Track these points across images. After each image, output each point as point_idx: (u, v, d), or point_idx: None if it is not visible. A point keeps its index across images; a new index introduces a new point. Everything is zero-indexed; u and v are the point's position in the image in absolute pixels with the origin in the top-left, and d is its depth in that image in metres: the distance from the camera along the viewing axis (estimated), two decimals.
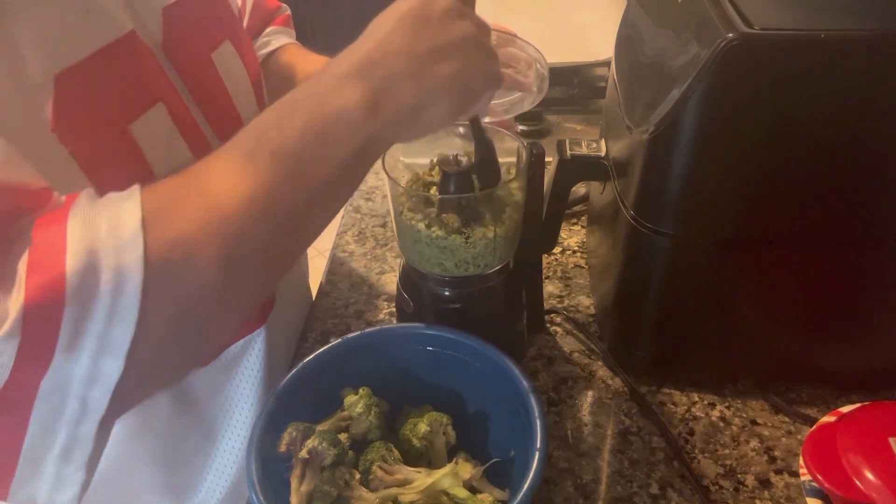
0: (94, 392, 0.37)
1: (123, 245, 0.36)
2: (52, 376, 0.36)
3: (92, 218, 0.37)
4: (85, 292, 0.35)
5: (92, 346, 0.36)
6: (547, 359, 0.75)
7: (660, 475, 0.63)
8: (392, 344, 0.63)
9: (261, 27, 0.84)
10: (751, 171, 0.56)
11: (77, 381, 0.36)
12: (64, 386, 0.36)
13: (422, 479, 0.55)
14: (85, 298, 0.35)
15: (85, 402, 0.37)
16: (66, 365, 0.36)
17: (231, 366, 0.68)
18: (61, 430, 0.37)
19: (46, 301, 0.34)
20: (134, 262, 0.36)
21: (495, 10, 1.33)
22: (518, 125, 1.14)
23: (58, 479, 0.39)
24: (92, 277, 0.35)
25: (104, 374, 0.36)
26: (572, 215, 0.96)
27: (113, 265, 0.36)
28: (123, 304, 0.36)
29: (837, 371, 0.69)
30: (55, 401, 0.36)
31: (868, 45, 0.51)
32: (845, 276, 0.62)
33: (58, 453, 0.38)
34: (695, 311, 0.66)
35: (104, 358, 0.36)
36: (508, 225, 0.62)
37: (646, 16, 0.70)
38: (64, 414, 0.37)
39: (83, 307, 0.35)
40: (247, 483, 0.51)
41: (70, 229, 0.36)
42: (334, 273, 0.91)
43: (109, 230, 0.36)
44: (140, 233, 0.36)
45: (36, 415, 0.36)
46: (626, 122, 0.63)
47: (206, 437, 0.69)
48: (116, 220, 0.37)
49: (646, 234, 0.61)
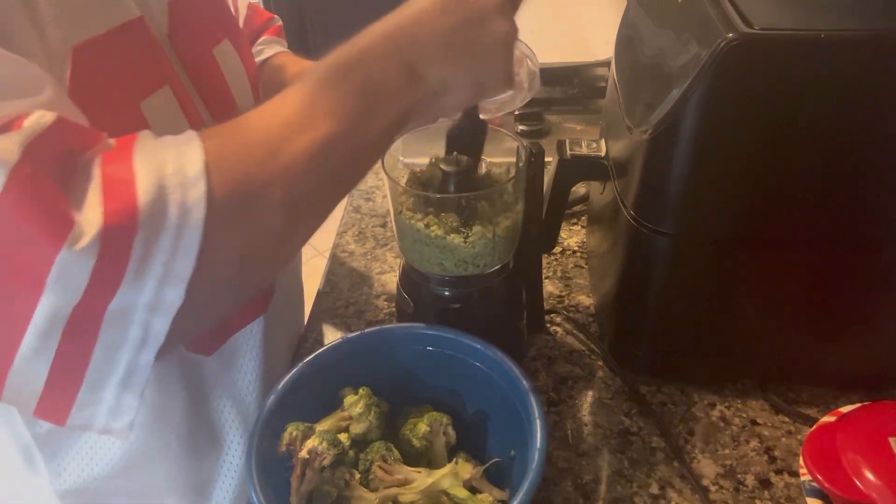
0: (155, 320, 0.38)
1: (188, 182, 0.38)
2: (119, 300, 0.37)
3: (157, 155, 0.39)
4: (153, 222, 0.37)
5: (157, 274, 0.37)
6: (547, 359, 0.75)
7: (660, 475, 0.63)
8: (392, 344, 0.63)
9: (254, 37, 0.85)
10: (751, 171, 0.56)
11: (141, 307, 0.38)
12: (129, 311, 0.38)
13: (422, 479, 0.55)
14: (153, 228, 0.37)
15: (147, 329, 0.39)
16: (133, 290, 0.37)
17: (233, 356, 0.69)
18: (124, 357, 0.39)
19: (121, 225, 0.36)
20: (198, 199, 0.38)
21: None
22: (518, 125, 1.14)
23: (116, 404, 0.40)
24: (160, 209, 0.37)
25: (166, 303, 0.38)
26: (572, 215, 0.96)
27: (179, 200, 0.38)
28: (187, 237, 0.38)
29: (837, 371, 0.69)
30: (120, 325, 0.38)
31: (868, 45, 0.51)
32: (845, 275, 0.62)
33: (118, 379, 0.39)
34: (695, 311, 0.66)
35: (167, 287, 0.38)
36: (508, 225, 0.62)
37: (646, 16, 0.70)
38: (127, 340, 0.38)
39: (151, 236, 0.37)
40: (247, 483, 0.51)
41: (137, 165, 0.38)
42: (334, 273, 0.91)
43: (175, 168, 0.38)
44: (203, 173, 0.38)
45: (102, 339, 0.38)
46: (626, 122, 0.63)
47: (215, 435, 0.69)
48: (181, 160, 0.39)
49: (646, 234, 0.61)
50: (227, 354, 0.68)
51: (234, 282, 0.43)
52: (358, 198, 1.06)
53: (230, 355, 0.68)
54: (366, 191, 1.07)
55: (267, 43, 0.85)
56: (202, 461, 0.69)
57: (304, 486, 0.54)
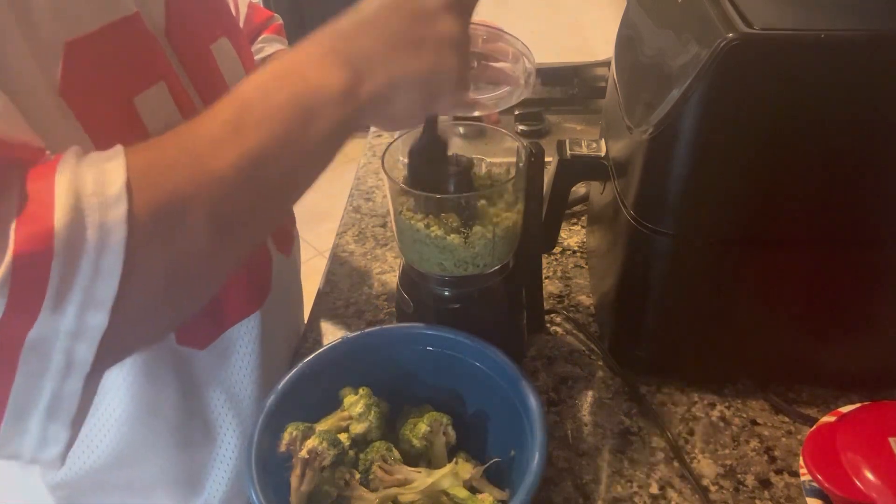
0: (79, 346, 0.37)
1: (108, 202, 0.37)
2: (38, 329, 0.36)
3: (78, 174, 0.38)
4: (71, 246, 0.36)
5: (77, 299, 0.36)
6: (547, 359, 0.75)
7: (660, 475, 0.63)
8: (392, 344, 0.63)
9: (254, 35, 0.85)
10: (751, 171, 0.56)
11: (63, 334, 0.37)
12: (50, 339, 0.37)
13: (422, 479, 0.55)
14: (71, 252, 0.36)
15: (70, 356, 0.37)
16: (53, 317, 0.36)
17: (227, 351, 0.68)
18: (47, 385, 0.38)
19: (35, 252, 0.35)
20: (118, 220, 0.37)
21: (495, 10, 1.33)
22: (518, 125, 1.14)
23: (43, 435, 0.39)
24: (78, 232, 0.36)
25: (89, 328, 0.37)
26: (572, 215, 0.96)
27: (97, 222, 0.36)
28: (107, 259, 0.37)
29: (837, 371, 0.69)
30: (41, 354, 0.37)
31: (868, 45, 0.51)
32: (845, 275, 0.62)
33: (43, 409, 0.38)
34: (695, 311, 0.66)
35: (89, 312, 0.37)
36: (508, 225, 0.62)
37: (646, 16, 0.70)
38: (50, 368, 0.37)
39: (69, 261, 0.36)
40: (247, 483, 0.51)
41: (58, 184, 0.37)
42: (334, 273, 0.91)
43: (95, 187, 0.37)
44: (125, 192, 0.37)
45: (22, 369, 0.37)
46: (626, 122, 0.63)
47: (208, 428, 0.69)
48: (102, 178, 0.37)
49: (646, 234, 0.61)
50: (221, 349, 0.68)
51: (161, 303, 0.41)
52: (358, 198, 1.06)
53: (224, 350, 0.68)
54: (366, 191, 1.07)
55: (267, 41, 0.85)
56: (194, 454, 0.69)
57: (304, 486, 0.54)
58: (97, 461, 0.63)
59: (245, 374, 0.70)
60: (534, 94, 1.18)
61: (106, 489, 0.66)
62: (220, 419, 0.69)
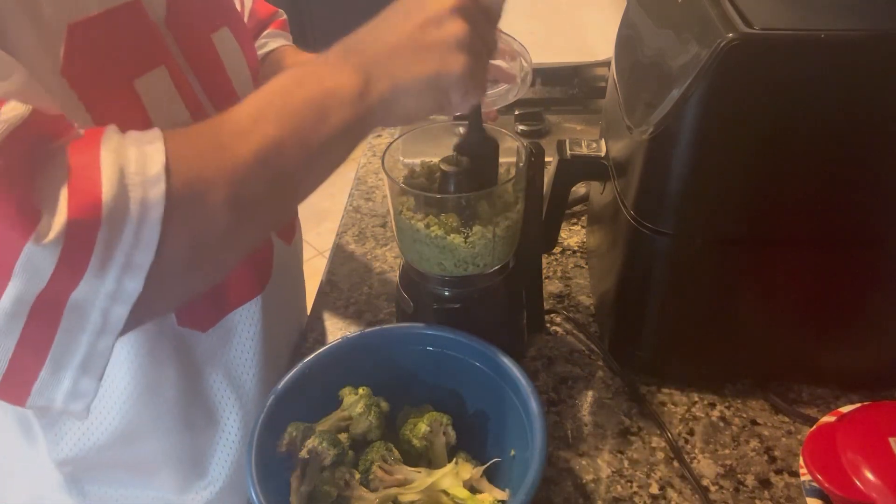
0: (116, 308, 0.41)
1: (149, 181, 0.41)
2: (82, 289, 0.40)
3: (122, 152, 0.41)
4: (116, 217, 0.39)
5: (118, 265, 0.40)
6: (547, 359, 0.75)
7: (660, 475, 0.63)
8: (392, 344, 0.63)
9: (258, 31, 0.86)
10: (751, 171, 0.56)
11: (103, 296, 0.41)
12: (91, 300, 0.41)
13: (422, 479, 0.55)
14: (116, 223, 0.39)
15: (107, 316, 0.41)
16: (95, 280, 0.40)
17: (229, 335, 0.69)
18: (84, 341, 0.42)
19: (85, 220, 0.39)
20: (158, 198, 0.41)
21: None
22: (518, 125, 1.14)
23: (74, 387, 0.43)
24: (122, 205, 0.40)
25: (126, 292, 0.41)
26: (572, 215, 0.96)
27: (140, 198, 0.40)
28: (147, 231, 0.40)
29: (837, 371, 0.69)
30: (81, 313, 0.41)
31: (868, 45, 0.51)
32: (845, 275, 0.62)
33: (78, 362, 0.42)
34: (695, 311, 0.66)
35: (127, 277, 0.41)
36: (507, 225, 0.62)
37: (646, 16, 0.70)
38: (87, 326, 0.41)
39: (114, 230, 0.40)
40: (247, 483, 0.51)
41: (103, 159, 0.40)
42: (334, 273, 0.91)
43: (138, 167, 0.41)
44: (164, 173, 0.41)
45: (64, 324, 0.41)
46: (626, 122, 0.63)
47: (210, 411, 0.70)
48: (144, 158, 0.41)
49: (646, 234, 0.61)
50: (223, 332, 0.68)
51: (186, 272, 0.45)
52: (358, 198, 1.06)
53: (226, 333, 0.69)
54: (366, 191, 1.07)
55: (271, 36, 0.86)
56: (197, 437, 0.70)
57: (304, 486, 0.54)
58: (101, 437, 0.65)
59: (246, 357, 0.71)
60: (534, 94, 1.18)
61: (111, 467, 0.68)
62: (222, 402, 0.70)
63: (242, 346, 0.70)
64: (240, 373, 0.71)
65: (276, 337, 0.75)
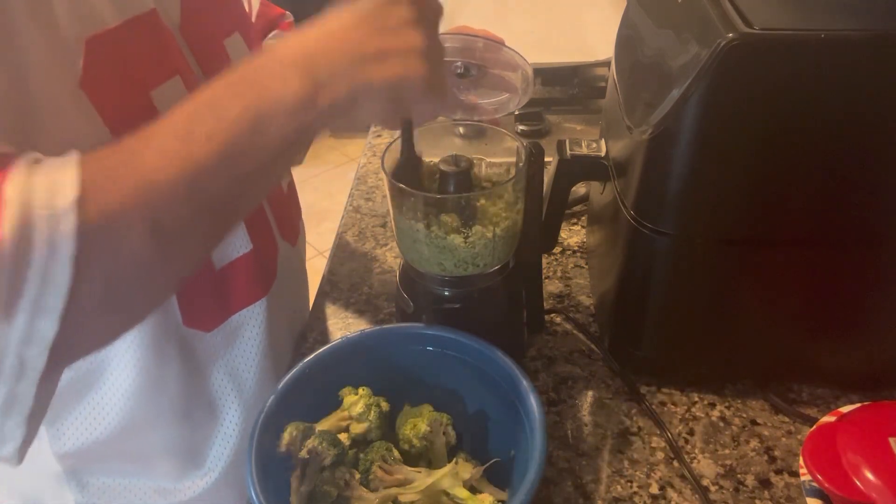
0: (30, 351, 0.39)
1: (57, 216, 0.38)
2: None
3: (29, 185, 0.38)
4: (19, 259, 0.37)
5: (27, 308, 0.38)
6: (547, 359, 0.75)
7: (660, 475, 0.63)
8: (392, 344, 0.63)
9: (265, 32, 0.86)
10: (751, 171, 0.56)
11: (14, 340, 0.38)
12: (1, 345, 0.38)
13: (422, 479, 0.55)
14: (19, 265, 0.37)
15: (22, 360, 0.39)
16: (3, 325, 0.38)
17: (233, 335, 0.69)
18: (1, 388, 0.40)
19: None
20: (67, 233, 0.38)
21: (495, 10, 1.33)
22: (518, 125, 1.14)
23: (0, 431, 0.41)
24: (25, 244, 0.37)
25: (40, 334, 0.39)
26: (572, 215, 0.96)
27: (46, 235, 0.37)
28: (56, 271, 0.38)
29: (837, 371, 0.69)
30: None
31: (868, 45, 0.51)
32: (845, 275, 0.62)
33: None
34: (695, 311, 0.66)
35: (39, 319, 0.38)
36: (507, 225, 0.62)
37: (646, 16, 0.70)
38: (3, 371, 0.39)
39: (18, 273, 0.37)
40: (247, 483, 0.51)
41: (7, 194, 0.38)
42: (334, 273, 0.91)
43: (46, 199, 0.38)
44: (74, 205, 0.38)
45: None
46: (626, 122, 0.63)
47: (211, 405, 0.70)
48: (53, 189, 0.38)
49: (646, 234, 0.61)
50: (228, 332, 0.69)
51: (108, 310, 0.42)
52: (358, 198, 1.06)
53: (231, 333, 0.69)
54: (366, 191, 1.07)
55: (278, 37, 0.86)
56: (196, 429, 0.70)
57: (304, 486, 0.54)
58: (103, 433, 0.65)
59: (250, 357, 0.71)
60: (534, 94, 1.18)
61: (110, 458, 0.68)
62: (224, 399, 0.71)
63: (246, 345, 0.71)
64: (242, 371, 0.71)
65: (279, 336, 0.75)
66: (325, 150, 2.96)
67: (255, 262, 0.69)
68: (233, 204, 0.46)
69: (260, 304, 0.70)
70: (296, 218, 0.82)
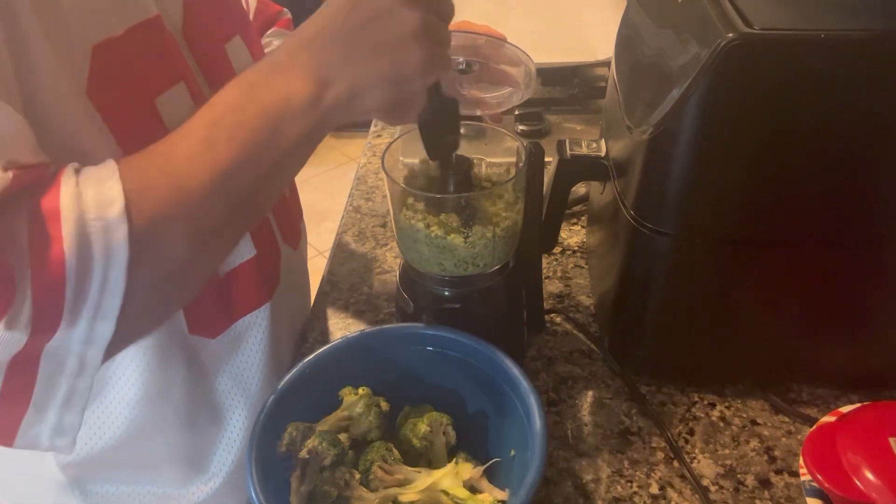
0: (90, 351, 0.43)
1: (110, 227, 0.40)
2: (56, 340, 0.41)
3: (80, 197, 0.41)
4: (82, 270, 0.40)
5: (89, 314, 0.41)
6: (547, 359, 0.75)
7: (660, 475, 0.63)
8: (392, 344, 0.63)
9: (263, 30, 0.86)
10: (751, 171, 0.56)
11: (77, 342, 0.42)
12: (65, 347, 0.42)
13: (422, 479, 0.55)
14: (82, 275, 0.40)
15: (82, 359, 0.43)
16: (68, 331, 0.41)
17: (237, 341, 0.70)
18: (63, 383, 0.43)
19: (52, 280, 0.39)
20: (121, 242, 0.41)
21: (495, 10, 1.33)
22: (518, 125, 1.14)
23: (59, 424, 0.45)
24: (86, 256, 0.40)
25: (99, 335, 0.42)
26: (572, 215, 0.96)
27: (102, 245, 0.40)
28: (113, 278, 0.41)
29: (837, 371, 0.69)
30: (58, 359, 0.42)
31: (868, 45, 0.51)
32: (846, 275, 0.61)
33: (60, 402, 0.44)
34: (695, 311, 0.66)
35: (99, 322, 0.42)
36: (507, 225, 0.62)
37: (646, 16, 0.70)
38: (65, 370, 0.43)
39: (81, 282, 0.40)
40: (247, 483, 0.51)
41: (63, 208, 0.40)
42: (334, 273, 0.91)
43: (98, 211, 0.40)
44: (124, 214, 0.41)
45: (42, 373, 0.42)
46: (626, 122, 0.63)
47: (216, 411, 0.70)
48: (101, 200, 0.41)
49: (646, 234, 0.61)
50: (232, 338, 0.69)
51: (156, 306, 0.47)
52: (358, 198, 1.06)
53: (235, 339, 0.69)
54: (366, 191, 1.07)
55: (276, 35, 0.87)
56: (201, 435, 0.70)
57: (304, 486, 0.54)
58: (108, 442, 0.65)
59: (254, 362, 0.71)
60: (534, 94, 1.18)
61: (114, 467, 0.68)
62: (228, 404, 0.71)
63: (250, 350, 0.71)
64: (247, 376, 0.71)
65: (282, 339, 0.76)
66: (325, 150, 2.96)
67: (259, 267, 0.69)
68: (259, 199, 0.49)
69: (264, 308, 0.70)
70: (297, 221, 0.83)
